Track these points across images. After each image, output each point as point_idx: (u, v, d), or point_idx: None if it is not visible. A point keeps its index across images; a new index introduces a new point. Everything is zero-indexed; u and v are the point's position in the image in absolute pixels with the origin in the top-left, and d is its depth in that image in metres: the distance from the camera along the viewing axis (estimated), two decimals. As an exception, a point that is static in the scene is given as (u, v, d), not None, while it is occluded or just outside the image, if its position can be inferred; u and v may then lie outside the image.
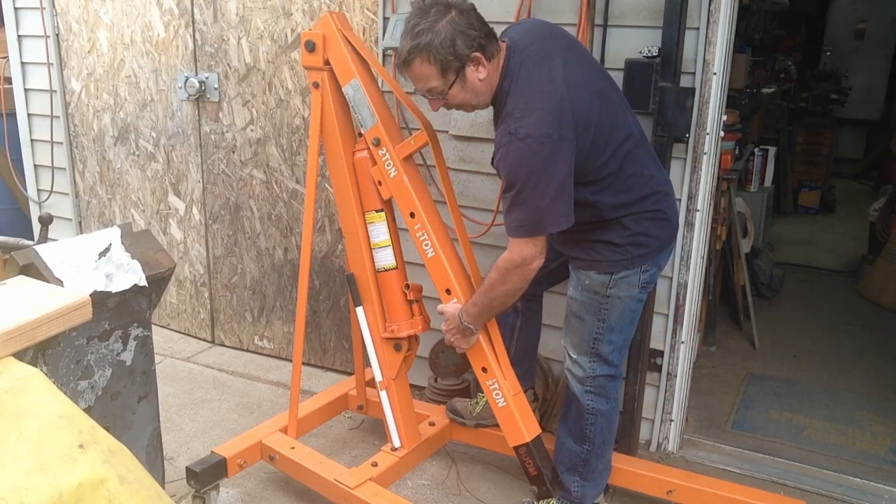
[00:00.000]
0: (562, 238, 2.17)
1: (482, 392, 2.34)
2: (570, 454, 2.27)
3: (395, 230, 2.35)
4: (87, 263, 1.82)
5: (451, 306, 2.19)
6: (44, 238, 2.57)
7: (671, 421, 2.75)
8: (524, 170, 1.86)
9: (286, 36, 3.09)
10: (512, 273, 1.99)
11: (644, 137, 2.13)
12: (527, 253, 1.95)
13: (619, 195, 2.00)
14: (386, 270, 2.35)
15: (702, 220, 2.54)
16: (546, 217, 1.91)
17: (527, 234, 1.93)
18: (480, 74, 1.93)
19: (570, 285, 2.17)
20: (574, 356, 2.19)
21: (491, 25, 1.97)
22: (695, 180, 2.48)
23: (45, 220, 2.61)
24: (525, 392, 2.34)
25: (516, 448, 2.24)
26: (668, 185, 2.16)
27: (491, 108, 2.09)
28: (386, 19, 2.82)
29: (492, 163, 2.07)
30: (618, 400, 2.26)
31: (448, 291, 2.21)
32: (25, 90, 3.93)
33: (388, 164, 2.22)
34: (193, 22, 3.28)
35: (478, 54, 1.90)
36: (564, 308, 2.25)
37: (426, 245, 2.22)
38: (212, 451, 2.39)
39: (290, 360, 3.11)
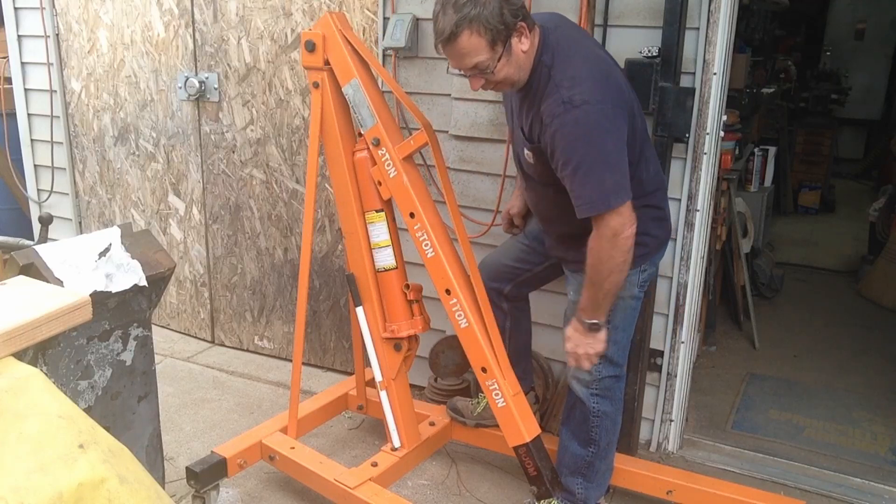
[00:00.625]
0: (559, 241, 2.16)
1: (483, 392, 2.33)
2: (574, 457, 2.26)
3: (395, 230, 2.35)
4: (87, 263, 1.82)
5: (568, 328, 2.06)
6: (44, 238, 2.57)
7: (671, 421, 2.75)
8: (584, 138, 1.81)
9: (286, 36, 3.09)
10: (608, 249, 1.87)
11: (647, 132, 2.13)
12: (615, 224, 1.84)
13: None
14: (386, 270, 2.35)
15: (702, 220, 2.54)
16: (615, 185, 1.83)
17: (603, 208, 1.83)
18: (524, 45, 1.88)
19: (570, 289, 2.16)
20: None
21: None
22: (695, 180, 2.48)
23: (45, 220, 2.61)
24: (526, 394, 2.34)
25: (516, 448, 2.24)
26: (665, 182, 2.16)
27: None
28: (386, 19, 2.82)
29: (533, 140, 1.97)
30: (622, 400, 2.26)
31: (448, 292, 2.20)
32: (25, 90, 3.93)
33: (388, 165, 2.22)
34: (193, 22, 3.28)
35: (523, 24, 1.85)
36: (563, 308, 2.25)
37: (426, 245, 2.22)
38: (212, 451, 2.39)
39: (290, 360, 3.11)
